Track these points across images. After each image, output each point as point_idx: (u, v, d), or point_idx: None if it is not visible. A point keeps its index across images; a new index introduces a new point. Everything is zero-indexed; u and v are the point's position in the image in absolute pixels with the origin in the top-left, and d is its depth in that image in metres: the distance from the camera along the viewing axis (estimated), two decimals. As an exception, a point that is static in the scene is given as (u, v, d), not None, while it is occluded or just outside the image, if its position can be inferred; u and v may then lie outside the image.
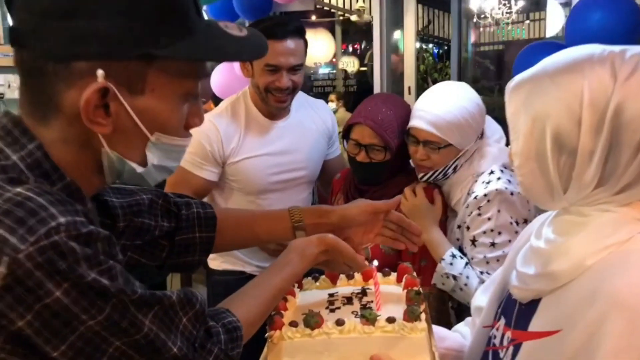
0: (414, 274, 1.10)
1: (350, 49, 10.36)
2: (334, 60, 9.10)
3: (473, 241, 1.56)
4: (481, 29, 9.83)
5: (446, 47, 10.51)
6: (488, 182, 1.56)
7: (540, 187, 0.91)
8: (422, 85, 9.63)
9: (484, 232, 1.54)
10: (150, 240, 1.00)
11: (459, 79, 3.00)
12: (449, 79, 9.69)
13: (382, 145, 1.65)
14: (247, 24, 2.01)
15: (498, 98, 9.63)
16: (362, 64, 9.47)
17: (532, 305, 0.95)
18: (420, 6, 8.94)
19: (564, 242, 0.91)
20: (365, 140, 1.66)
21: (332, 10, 7.60)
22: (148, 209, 0.99)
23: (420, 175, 1.67)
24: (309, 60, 5.47)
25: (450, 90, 1.62)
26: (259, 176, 1.92)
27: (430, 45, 10.11)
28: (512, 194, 1.52)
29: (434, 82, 10.05)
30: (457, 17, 2.99)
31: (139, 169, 0.78)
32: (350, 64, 9.13)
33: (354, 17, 7.00)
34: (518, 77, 0.94)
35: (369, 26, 7.95)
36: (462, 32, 3.01)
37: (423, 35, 9.45)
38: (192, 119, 0.82)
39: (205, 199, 2.03)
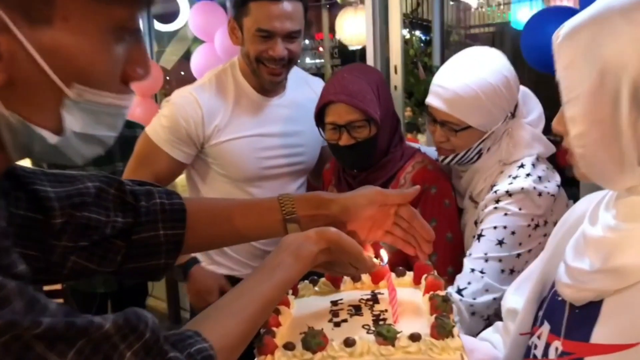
0: (436, 273, 0.88)
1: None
2: (320, 49, 8.82)
3: (479, 235, 1.32)
4: (472, 10, 9.64)
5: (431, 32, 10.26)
6: (515, 178, 1.32)
7: (608, 159, 0.71)
8: (412, 70, 9.43)
9: (495, 227, 1.30)
10: (100, 240, 0.78)
11: (442, 63, 2.77)
12: (439, 63, 9.51)
13: (364, 119, 1.41)
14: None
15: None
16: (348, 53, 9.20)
17: (591, 309, 0.75)
18: (408, -11, 8.70)
19: (633, 230, 0.71)
20: (343, 118, 1.42)
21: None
22: (95, 200, 0.77)
23: (441, 158, 1.44)
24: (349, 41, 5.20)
25: (472, 60, 1.35)
26: (250, 160, 1.66)
27: (418, 32, 9.88)
28: (540, 194, 1.29)
29: (424, 66, 9.86)
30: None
31: (53, 139, 0.54)
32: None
33: (343, -1, 6.71)
34: (571, 22, 0.73)
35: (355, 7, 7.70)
36: (444, 13, 2.78)
37: (412, 19, 9.22)
38: (132, 68, 0.58)
39: (187, 190, 1.80)
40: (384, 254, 0.86)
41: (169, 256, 0.83)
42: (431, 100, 1.37)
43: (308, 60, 9.31)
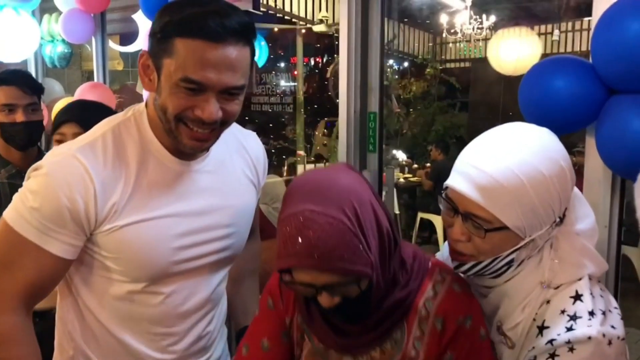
0: None
1: (312, 62, 9.92)
2: (295, 72, 8.59)
3: None
4: (450, 45, 9.57)
5: (407, 63, 10.22)
6: (574, 318, 0.97)
7: None
8: (386, 102, 9.29)
9: None
10: None
11: (381, 94, 2.44)
12: (414, 96, 9.44)
13: (349, 281, 0.95)
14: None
15: (459, 116, 9.38)
16: (324, 79, 9.00)
17: None
18: (385, 20, 8.58)
19: None
20: (318, 280, 0.94)
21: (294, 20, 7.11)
22: None
23: (455, 264, 1.07)
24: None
25: (518, 139, 1.00)
26: (159, 252, 1.15)
27: (391, 61, 9.78)
28: (609, 342, 0.95)
29: (398, 98, 9.74)
30: (379, 10, 2.44)
31: None
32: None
33: (318, 27, 6.45)
34: None
35: (331, 39, 7.50)
36: (384, 33, 2.48)
37: (387, 50, 9.09)
38: None
39: (60, 300, 1.25)
40: None
41: None
42: (458, 183, 1.01)
43: (283, 82, 9.11)
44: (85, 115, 1.67)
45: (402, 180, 6.79)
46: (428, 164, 7.02)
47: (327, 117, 9.22)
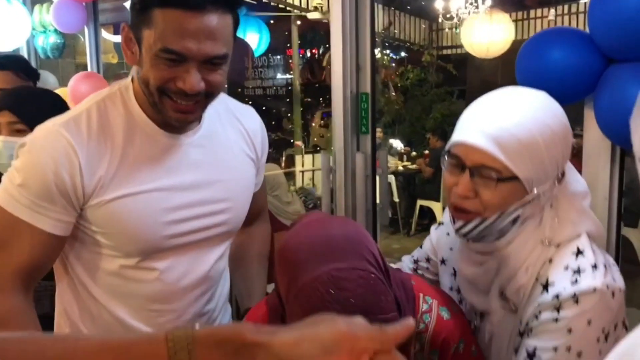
0: None
1: (308, 53, 9.87)
2: (291, 62, 8.56)
3: (530, 356, 0.98)
4: (446, 31, 9.51)
5: (403, 51, 10.18)
6: (578, 272, 0.98)
7: None
8: (383, 90, 9.26)
9: (555, 349, 0.96)
10: None
11: (372, 74, 2.40)
12: (410, 84, 9.38)
13: None
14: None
15: (456, 104, 9.28)
16: (320, 68, 8.95)
17: None
18: (380, 6, 8.54)
19: None
20: None
21: (288, 8, 7.06)
22: None
23: (458, 225, 1.04)
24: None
25: (523, 99, 1.03)
26: (149, 226, 1.13)
27: (388, 51, 9.74)
28: (613, 294, 0.96)
29: (395, 87, 9.70)
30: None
31: None
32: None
33: (313, 15, 6.40)
34: None
35: (327, 27, 7.46)
36: (375, 24, 2.43)
37: (384, 38, 9.04)
38: None
39: (57, 279, 1.25)
40: None
41: None
42: (468, 136, 1.00)
43: (279, 75, 9.04)
44: (19, 103, 1.62)
45: (400, 168, 6.78)
46: (426, 152, 7.00)
47: (324, 108, 9.18)
